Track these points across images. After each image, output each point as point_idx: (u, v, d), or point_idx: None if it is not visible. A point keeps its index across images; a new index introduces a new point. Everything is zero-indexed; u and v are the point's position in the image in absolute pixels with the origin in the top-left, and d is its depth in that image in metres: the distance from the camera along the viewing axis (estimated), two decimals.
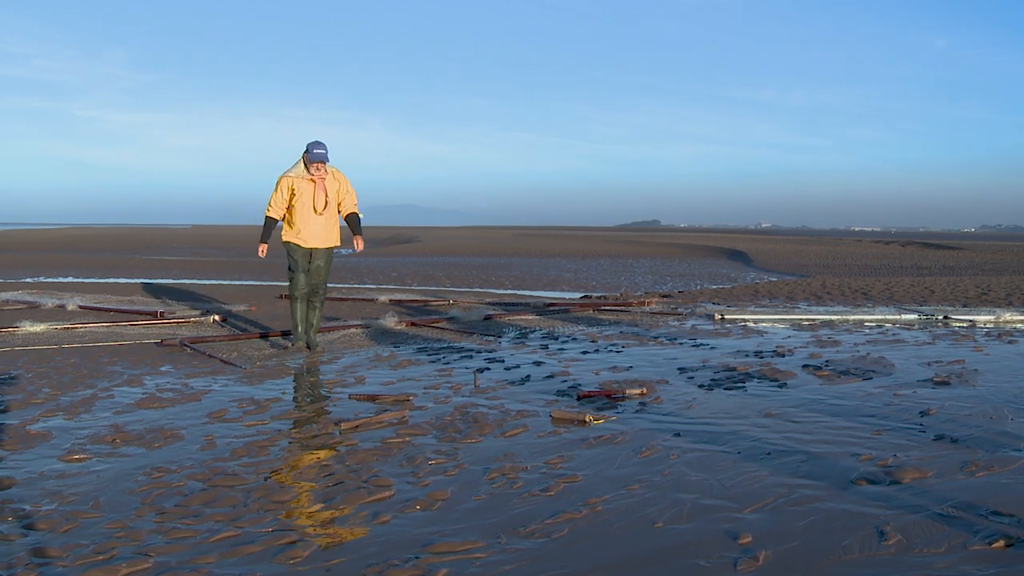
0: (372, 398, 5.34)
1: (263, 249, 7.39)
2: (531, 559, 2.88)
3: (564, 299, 12.46)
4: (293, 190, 7.07)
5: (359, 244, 7.50)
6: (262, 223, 7.29)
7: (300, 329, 7.26)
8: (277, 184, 7.11)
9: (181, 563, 2.84)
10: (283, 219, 7.27)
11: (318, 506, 3.40)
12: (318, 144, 7.00)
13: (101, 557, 2.89)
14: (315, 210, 7.07)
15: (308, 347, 7.27)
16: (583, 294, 13.98)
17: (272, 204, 7.16)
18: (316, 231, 7.14)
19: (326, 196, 7.09)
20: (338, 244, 7.31)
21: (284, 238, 7.21)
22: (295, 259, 7.16)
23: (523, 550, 2.95)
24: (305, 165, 7.07)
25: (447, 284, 16.23)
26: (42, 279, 16.93)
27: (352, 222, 7.38)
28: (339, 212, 7.32)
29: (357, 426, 4.63)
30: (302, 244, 7.15)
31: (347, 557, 2.90)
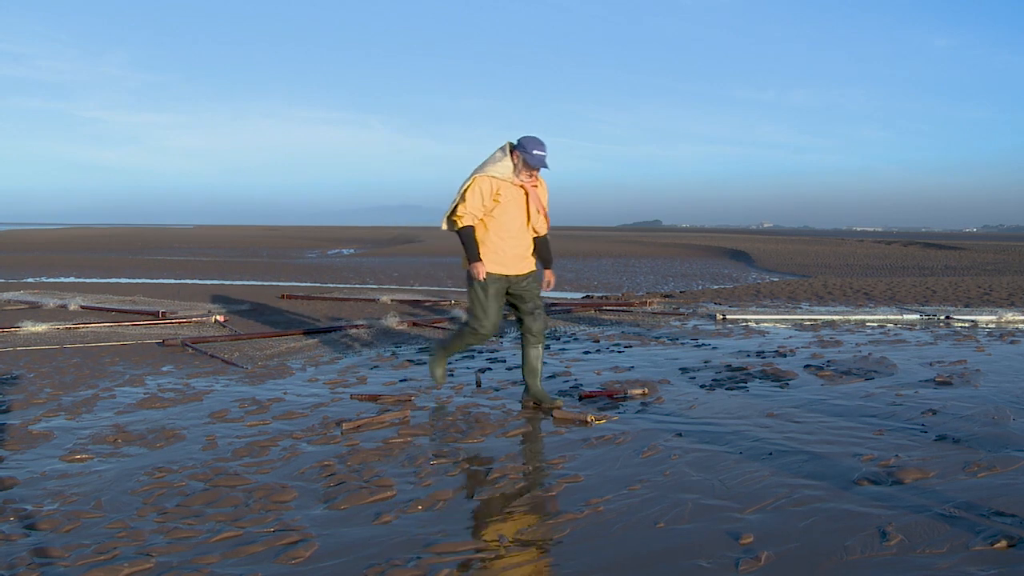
0: (374, 398, 5.34)
1: (482, 270, 5.04)
2: (532, 559, 2.88)
3: (566, 299, 12.46)
4: (498, 197, 5.04)
5: (552, 280, 5.29)
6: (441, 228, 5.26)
7: (440, 372, 5.45)
8: (472, 183, 4.99)
9: (183, 563, 2.84)
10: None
11: (320, 506, 3.41)
12: (539, 143, 4.96)
13: (103, 557, 2.89)
14: (534, 229, 5.19)
15: (536, 403, 5.21)
16: (585, 294, 13.98)
17: (467, 210, 5.02)
18: (522, 253, 5.16)
19: (541, 211, 5.18)
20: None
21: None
22: (488, 295, 5.08)
23: (524, 550, 2.95)
24: (514, 167, 5.02)
25: (449, 284, 16.23)
26: (44, 279, 16.96)
27: (544, 248, 5.31)
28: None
29: (359, 426, 4.63)
30: (504, 271, 5.10)
31: (349, 557, 2.90)
